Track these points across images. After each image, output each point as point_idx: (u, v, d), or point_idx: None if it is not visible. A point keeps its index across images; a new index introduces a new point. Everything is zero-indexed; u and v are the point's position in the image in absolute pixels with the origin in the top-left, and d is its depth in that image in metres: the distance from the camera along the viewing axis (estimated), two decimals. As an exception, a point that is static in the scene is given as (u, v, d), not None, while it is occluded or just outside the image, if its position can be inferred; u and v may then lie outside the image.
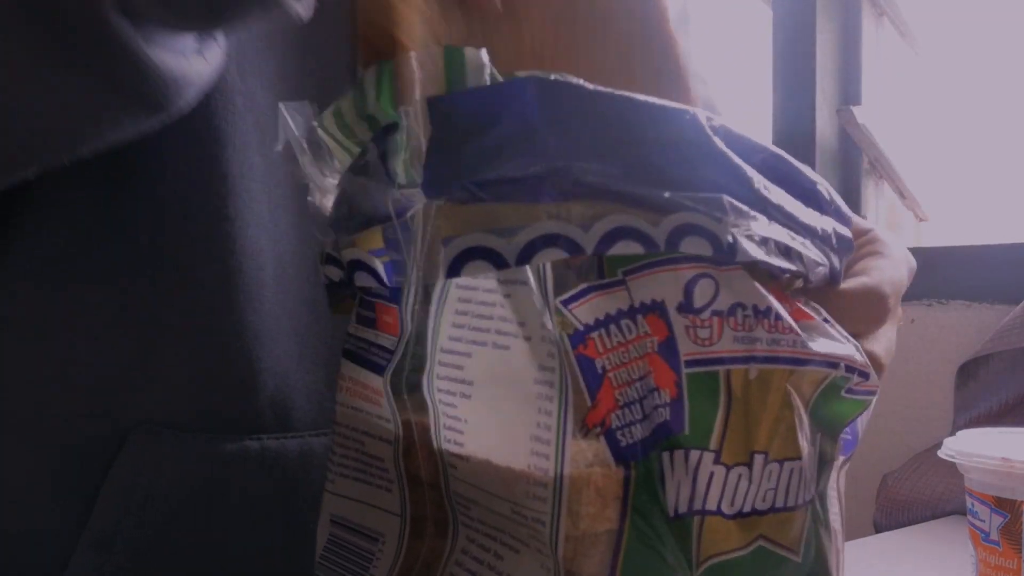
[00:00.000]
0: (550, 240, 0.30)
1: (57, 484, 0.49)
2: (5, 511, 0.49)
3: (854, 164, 1.40)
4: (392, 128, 0.34)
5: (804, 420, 0.34)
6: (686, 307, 0.32)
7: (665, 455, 0.32)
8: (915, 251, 0.46)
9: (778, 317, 0.33)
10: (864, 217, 1.39)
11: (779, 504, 0.34)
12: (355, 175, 0.36)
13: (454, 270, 0.31)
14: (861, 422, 0.40)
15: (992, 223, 1.37)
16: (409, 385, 0.37)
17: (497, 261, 0.31)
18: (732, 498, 0.33)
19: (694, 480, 0.32)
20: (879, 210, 1.43)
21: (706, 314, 0.32)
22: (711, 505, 0.32)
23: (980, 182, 1.38)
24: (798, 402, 0.34)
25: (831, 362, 0.34)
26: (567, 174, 0.30)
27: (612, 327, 0.32)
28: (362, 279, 0.38)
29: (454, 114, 0.31)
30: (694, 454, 0.32)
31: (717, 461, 0.32)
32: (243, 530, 0.50)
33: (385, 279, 0.37)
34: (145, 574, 0.49)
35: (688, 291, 0.32)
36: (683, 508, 0.32)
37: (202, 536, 0.49)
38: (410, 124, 0.32)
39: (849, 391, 0.35)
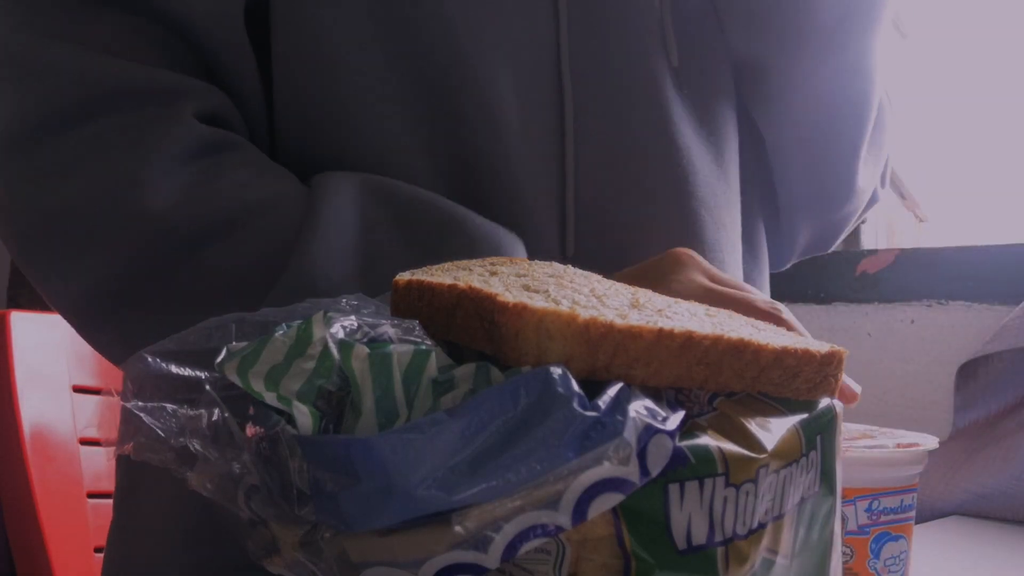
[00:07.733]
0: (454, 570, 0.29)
1: None
2: None
3: (854, 164, 1.40)
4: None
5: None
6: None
7: (672, 487, 0.32)
8: (915, 251, 0.46)
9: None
10: (864, 218, 1.39)
11: (775, 513, 0.34)
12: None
13: None
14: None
15: (992, 223, 1.37)
16: None
17: None
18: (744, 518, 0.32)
19: (710, 509, 0.32)
20: (879, 211, 1.43)
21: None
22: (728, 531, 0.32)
23: (980, 182, 1.38)
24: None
25: None
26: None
27: None
28: None
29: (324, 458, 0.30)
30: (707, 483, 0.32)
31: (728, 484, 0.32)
32: None
33: None
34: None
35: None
36: (701, 540, 0.32)
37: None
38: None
39: None
